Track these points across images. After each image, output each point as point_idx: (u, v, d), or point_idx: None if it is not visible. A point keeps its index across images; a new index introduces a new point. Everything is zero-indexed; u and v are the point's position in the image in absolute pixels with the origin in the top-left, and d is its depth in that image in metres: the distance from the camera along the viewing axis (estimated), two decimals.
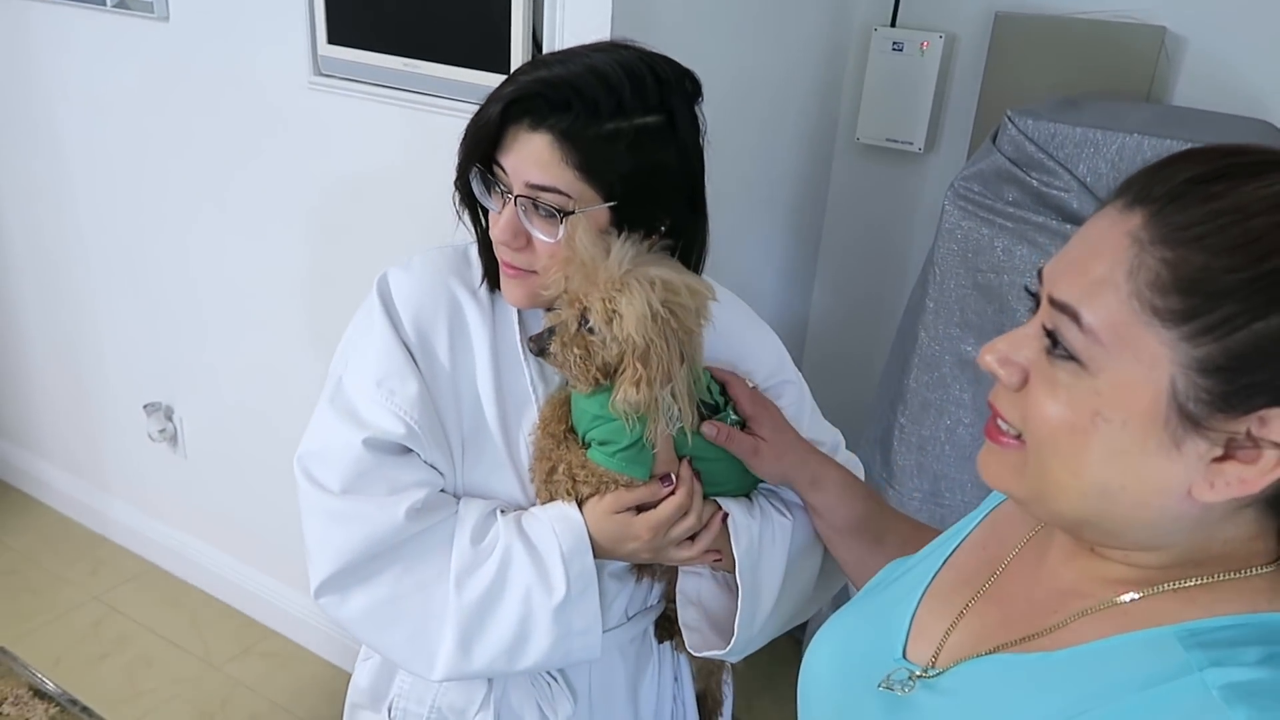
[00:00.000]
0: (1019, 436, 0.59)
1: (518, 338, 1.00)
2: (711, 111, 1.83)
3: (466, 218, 1.00)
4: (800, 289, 2.48)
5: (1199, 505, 0.54)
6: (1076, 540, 0.63)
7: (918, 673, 0.66)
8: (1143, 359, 0.53)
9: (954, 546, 0.76)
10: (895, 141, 2.21)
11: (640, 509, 0.96)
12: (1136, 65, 1.88)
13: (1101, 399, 0.54)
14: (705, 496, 0.99)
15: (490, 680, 1.05)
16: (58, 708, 1.03)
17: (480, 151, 0.91)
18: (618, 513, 0.95)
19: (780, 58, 2.02)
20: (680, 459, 0.98)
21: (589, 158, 0.89)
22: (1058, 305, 0.56)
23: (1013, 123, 1.61)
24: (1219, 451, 0.52)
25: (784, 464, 1.00)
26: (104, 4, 2.05)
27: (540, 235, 0.91)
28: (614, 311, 0.87)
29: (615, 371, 0.91)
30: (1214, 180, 0.52)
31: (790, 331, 2.48)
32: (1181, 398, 0.52)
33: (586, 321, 0.89)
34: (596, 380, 0.91)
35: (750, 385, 1.03)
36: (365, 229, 1.91)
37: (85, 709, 1.05)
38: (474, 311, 1.00)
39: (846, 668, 0.73)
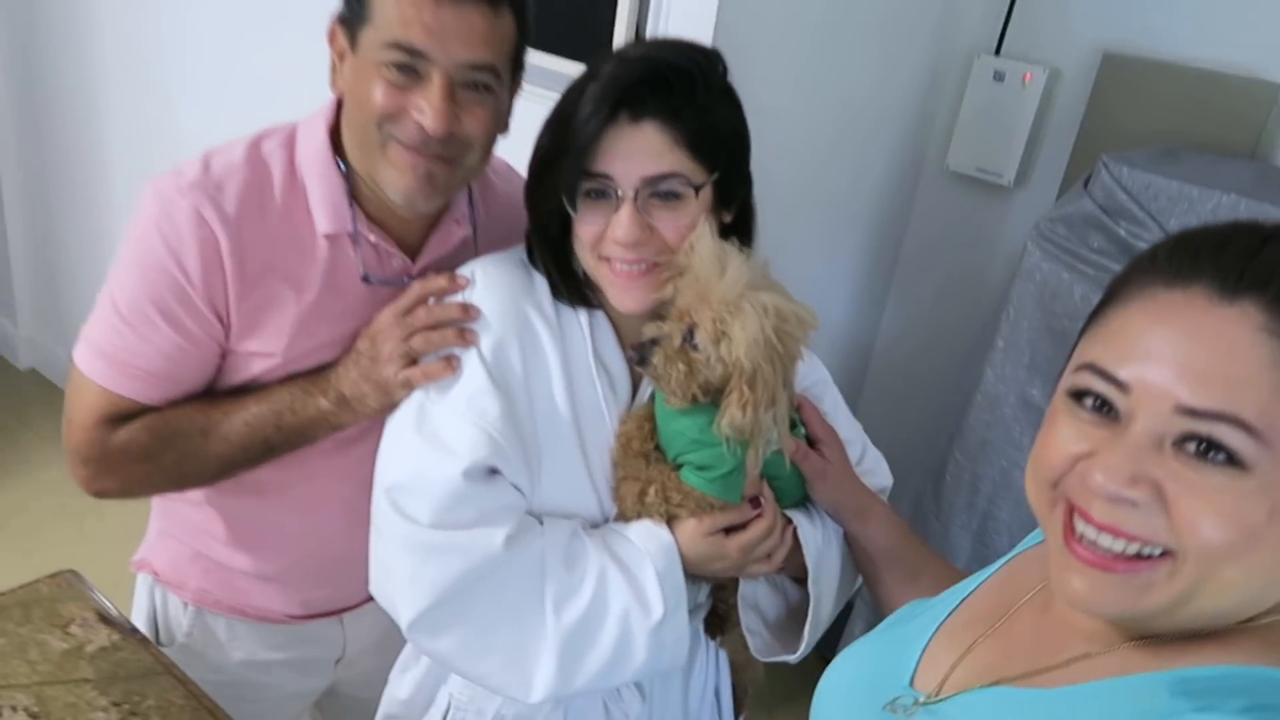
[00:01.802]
0: (1163, 552, 0.57)
1: (589, 353, 1.00)
2: (803, 123, 1.85)
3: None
4: (870, 310, 2.47)
5: None
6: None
7: (921, 699, 0.68)
8: None
9: (972, 589, 0.78)
10: (985, 172, 2.18)
11: (727, 529, 0.97)
12: (1244, 120, 1.83)
13: (1271, 495, 0.54)
14: None
15: None
16: (119, 634, 1.09)
17: (578, 165, 0.92)
18: (710, 535, 0.96)
19: (879, 76, 2.01)
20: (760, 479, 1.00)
21: (696, 133, 0.91)
22: (1201, 414, 0.54)
23: (1107, 168, 1.59)
24: None
25: (840, 491, 1.04)
26: None
27: (665, 224, 0.93)
28: (723, 333, 0.88)
29: (715, 391, 0.91)
30: None
31: (855, 352, 2.47)
32: None
33: (692, 338, 0.89)
34: (694, 397, 0.92)
35: (822, 411, 1.06)
36: None
37: (143, 639, 1.11)
38: (543, 327, 1.00)
39: (857, 690, 0.75)
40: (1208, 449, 0.54)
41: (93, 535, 1.25)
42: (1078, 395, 0.60)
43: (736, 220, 1.02)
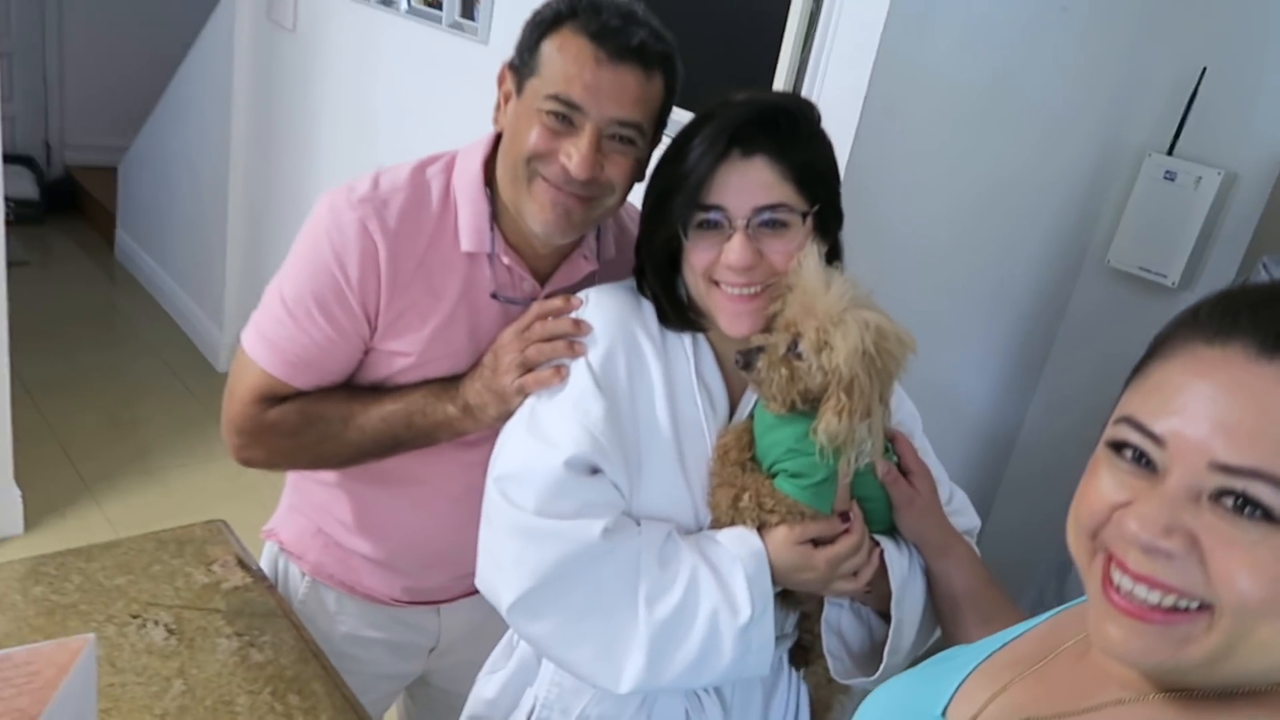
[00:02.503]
0: (1201, 606, 0.57)
1: (692, 372, 1.07)
2: (949, 200, 1.87)
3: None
4: (1016, 400, 2.41)
5: None
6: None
7: None
8: None
9: (1016, 634, 0.78)
10: (1148, 271, 2.12)
11: (815, 542, 1.01)
12: None
13: None
14: None
15: None
16: (251, 578, 1.22)
17: (694, 197, 1.00)
18: (799, 544, 1.00)
19: (1035, 163, 2.01)
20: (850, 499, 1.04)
21: (800, 167, 1.00)
22: (1236, 471, 0.55)
23: (1266, 270, 1.53)
24: None
25: (925, 523, 1.06)
26: (439, 23, 2.39)
27: (773, 251, 1.00)
28: (826, 342, 0.93)
29: (813, 400, 0.97)
30: None
31: (996, 440, 2.41)
32: None
33: (796, 347, 0.95)
34: (793, 404, 0.97)
35: (916, 448, 1.09)
36: None
37: (270, 586, 1.24)
38: (648, 346, 1.08)
39: (890, 716, 0.77)
40: (1244, 504, 0.55)
41: (253, 512, 1.42)
42: (1117, 447, 0.61)
43: (830, 252, 1.08)
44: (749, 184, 0.99)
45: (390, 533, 1.31)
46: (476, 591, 1.34)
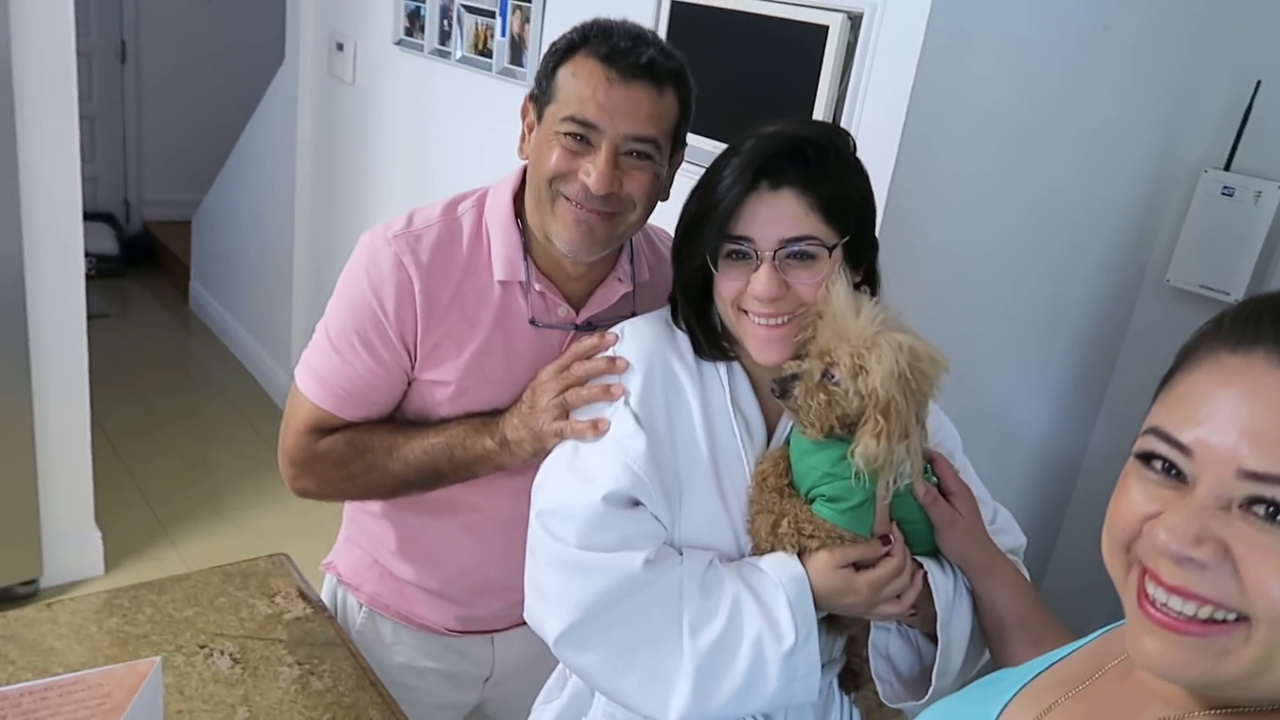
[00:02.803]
0: (1239, 617, 0.56)
1: (728, 401, 1.08)
2: (997, 224, 1.86)
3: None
4: (1078, 423, 2.36)
5: None
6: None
7: None
8: None
9: (1060, 656, 0.77)
10: (1210, 289, 2.07)
11: (856, 565, 1.01)
12: None
13: None
14: None
15: None
16: (312, 609, 1.25)
17: (721, 229, 1.02)
18: (840, 567, 1.00)
19: (1086, 183, 1.99)
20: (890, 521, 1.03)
21: (829, 200, 1.00)
22: (1264, 478, 0.54)
23: None
24: None
25: (968, 544, 1.05)
26: (490, 70, 2.47)
27: (800, 282, 1.01)
28: (861, 367, 0.94)
29: (850, 424, 0.97)
30: None
31: (1059, 463, 2.36)
32: None
33: (831, 373, 0.96)
34: (831, 429, 0.98)
35: (955, 468, 1.09)
36: None
37: (330, 617, 1.27)
38: (684, 376, 1.09)
39: None
40: (1275, 512, 0.54)
41: (318, 549, 1.47)
42: (1145, 458, 0.61)
43: (864, 280, 1.08)
44: (776, 216, 1.00)
45: (441, 561, 1.34)
46: None
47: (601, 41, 1.12)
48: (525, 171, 1.24)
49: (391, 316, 1.18)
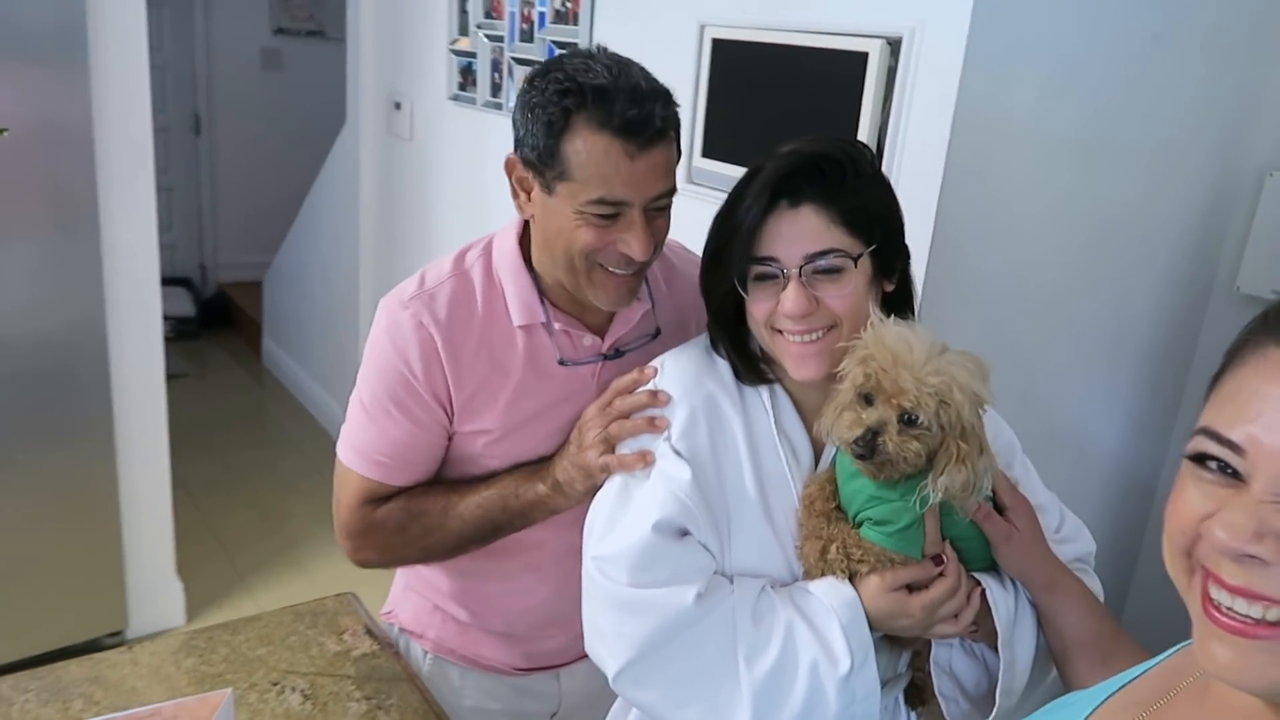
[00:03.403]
0: None
1: (772, 425, 1.08)
2: (1055, 239, 1.83)
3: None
4: (1153, 441, 2.29)
5: None
6: None
7: None
8: None
9: (1134, 676, 0.75)
10: None
11: (910, 587, 1.00)
12: None
13: None
14: None
15: None
16: (379, 646, 1.28)
17: (746, 251, 1.02)
18: (893, 590, 0.99)
19: (1147, 193, 1.95)
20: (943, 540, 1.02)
21: (850, 212, 1.00)
22: None
23: None
24: None
25: (1028, 560, 1.02)
26: None
27: (830, 295, 1.01)
28: (943, 402, 0.92)
29: (932, 456, 0.95)
30: None
31: (1134, 482, 2.29)
32: None
33: (914, 417, 0.93)
34: (919, 470, 0.95)
35: (1013, 480, 1.06)
36: None
37: (397, 653, 1.29)
38: (727, 404, 1.09)
39: None
40: None
41: (383, 592, 1.49)
42: (1199, 459, 0.59)
43: (898, 290, 1.08)
44: (798, 233, 1.00)
45: (504, 602, 1.35)
46: None
47: (603, 108, 1.07)
48: (525, 221, 1.24)
49: (421, 377, 1.19)
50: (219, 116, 5.45)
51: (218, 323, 5.39)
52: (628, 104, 1.07)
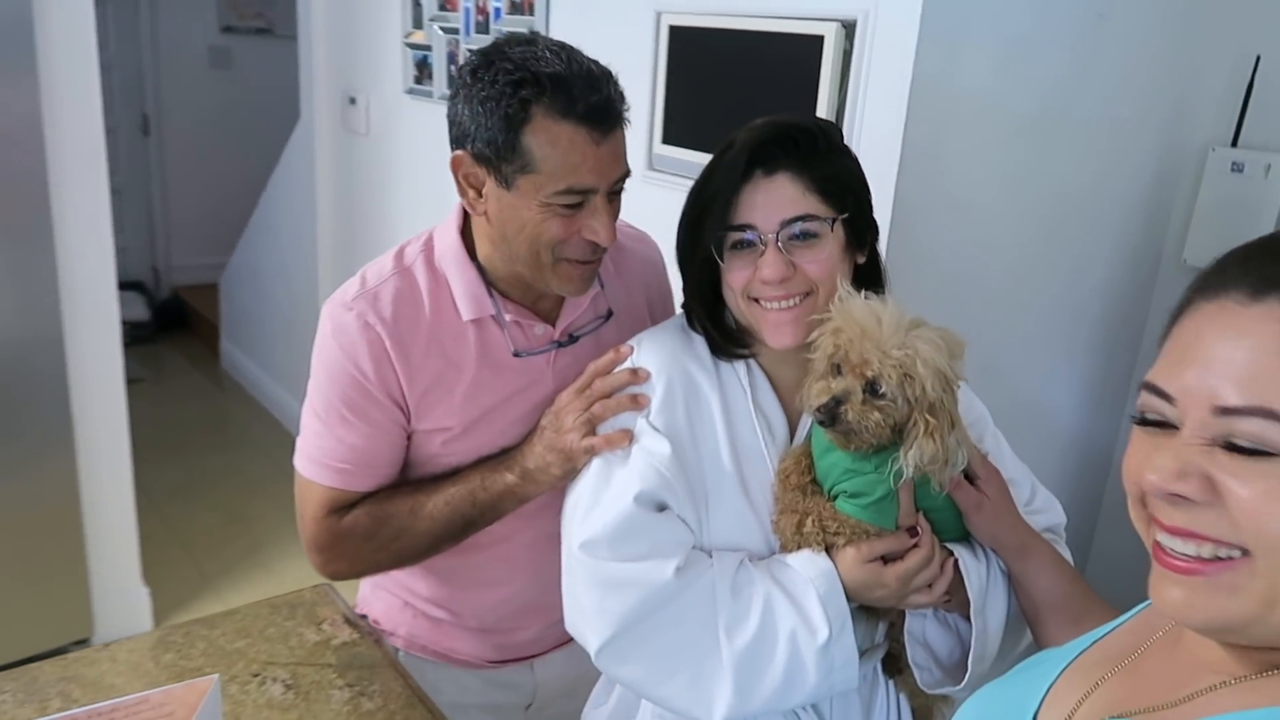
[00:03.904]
0: (1243, 553, 0.58)
1: (749, 401, 1.10)
2: (1011, 220, 1.88)
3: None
4: (1107, 415, 2.35)
5: None
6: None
7: None
8: None
9: (1104, 633, 0.77)
10: None
11: (885, 558, 1.02)
12: None
13: None
14: None
15: None
16: (358, 634, 1.28)
17: (723, 220, 1.04)
18: (868, 561, 1.01)
19: (1098, 172, 2.01)
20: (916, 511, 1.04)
21: (823, 179, 1.03)
22: (1236, 411, 0.57)
23: None
24: None
25: (999, 527, 1.05)
26: None
27: (806, 261, 1.03)
28: (907, 375, 0.94)
29: (900, 430, 0.97)
30: None
31: (1090, 456, 2.35)
32: None
33: (876, 388, 0.96)
34: (884, 441, 0.97)
35: (983, 453, 1.09)
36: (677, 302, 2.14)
37: (377, 640, 1.30)
38: (703, 379, 1.11)
39: None
40: (1253, 443, 0.56)
41: (354, 590, 1.46)
42: (1141, 414, 0.63)
43: (869, 264, 1.11)
44: (774, 200, 1.03)
45: (476, 595, 1.34)
46: (567, 641, 1.38)
47: (563, 97, 1.06)
48: (465, 212, 1.22)
49: (373, 378, 1.17)
50: (168, 116, 5.36)
51: (173, 326, 5.31)
52: (587, 90, 1.07)
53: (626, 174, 1.15)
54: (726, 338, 1.11)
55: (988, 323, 1.94)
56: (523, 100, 1.06)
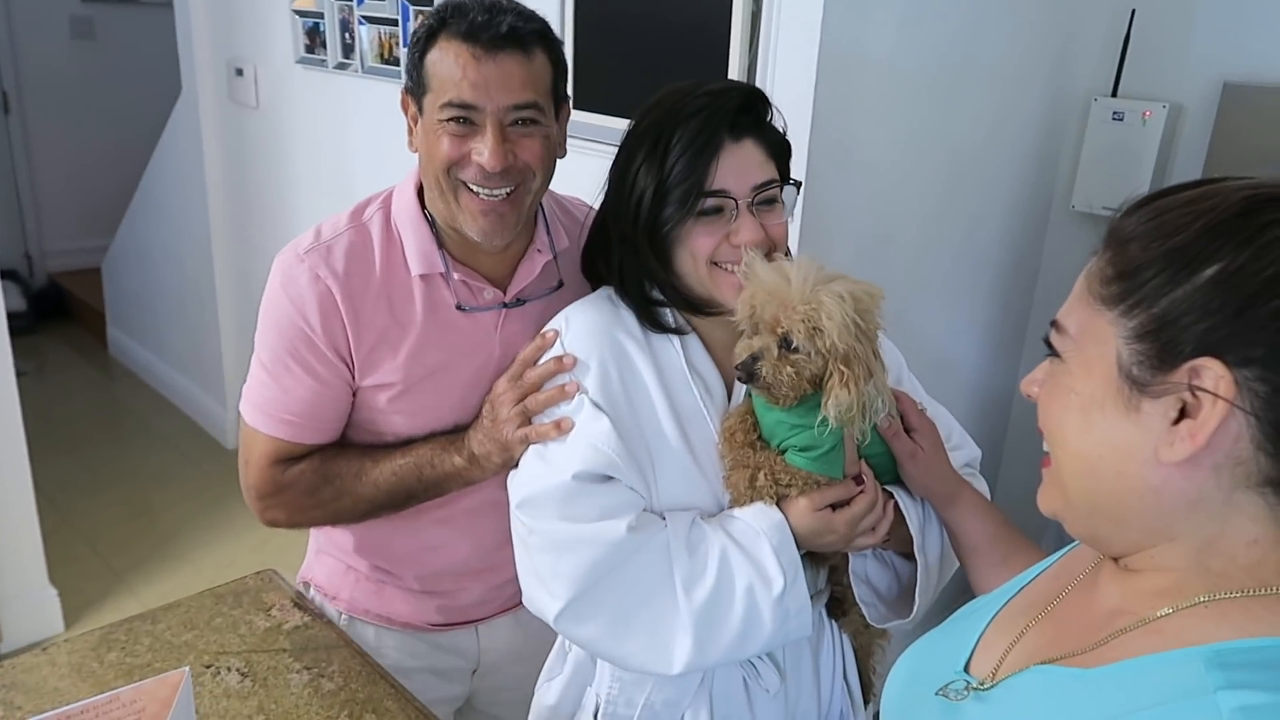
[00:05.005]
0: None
1: (683, 363, 1.12)
2: (914, 175, 1.95)
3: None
4: (1005, 362, 2.48)
5: (1181, 476, 0.60)
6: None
7: (974, 684, 0.72)
8: (1097, 340, 0.63)
9: (1030, 578, 0.82)
10: (1110, 209, 2.19)
11: (832, 505, 1.06)
12: None
13: (1073, 378, 0.65)
14: None
15: None
16: (310, 616, 1.27)
17: (697, 187, 1.04)
18: (819, 510, 1.05)
19: (993, 125, 2.10)
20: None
21: (776, 145, 1.07)
22: (1054, 324, 0.67)
23: None
24: (1174, 414, 0.59)
25: (930, 476, 1.10)
26: (399, 77, 2.47)
27: (772, 225, 1.06)
28: (815, 328, 0.97)
29: (819, 382, 1.01)
30: (1151, 201, 0.64)
31: (993, 397, 2.48)
32: (1126, 365, 0.61)
33: (789, 343, 0.99)
34: (803, 394, 1.01)
35: (920, 407, 1.14)
36: None
37: (329, 621, 1.29)
38: (634, 349, 1.12)
39: (917, 677, 0.80)
40: (1049, 347, 0.68)
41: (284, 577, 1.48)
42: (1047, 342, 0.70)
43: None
44: (744, 165, 1.05)
45: (417, 559, 1.34)
46: (513, 607, 1.41)
47: (459, 20, 1.12)
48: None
49: (320, 331, 1.18)
50: (29, 92, 5.01)
51: (53, 315, 5.02)
52: (479, 12, 1.12)
53: (530, 104, 1.15)
54: (682, 305, 1.11)
55: (898, 276, 2.02)
56: (429, 28, 1.14)
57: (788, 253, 1.14)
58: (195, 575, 2.95)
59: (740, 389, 1.13)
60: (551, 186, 1.27)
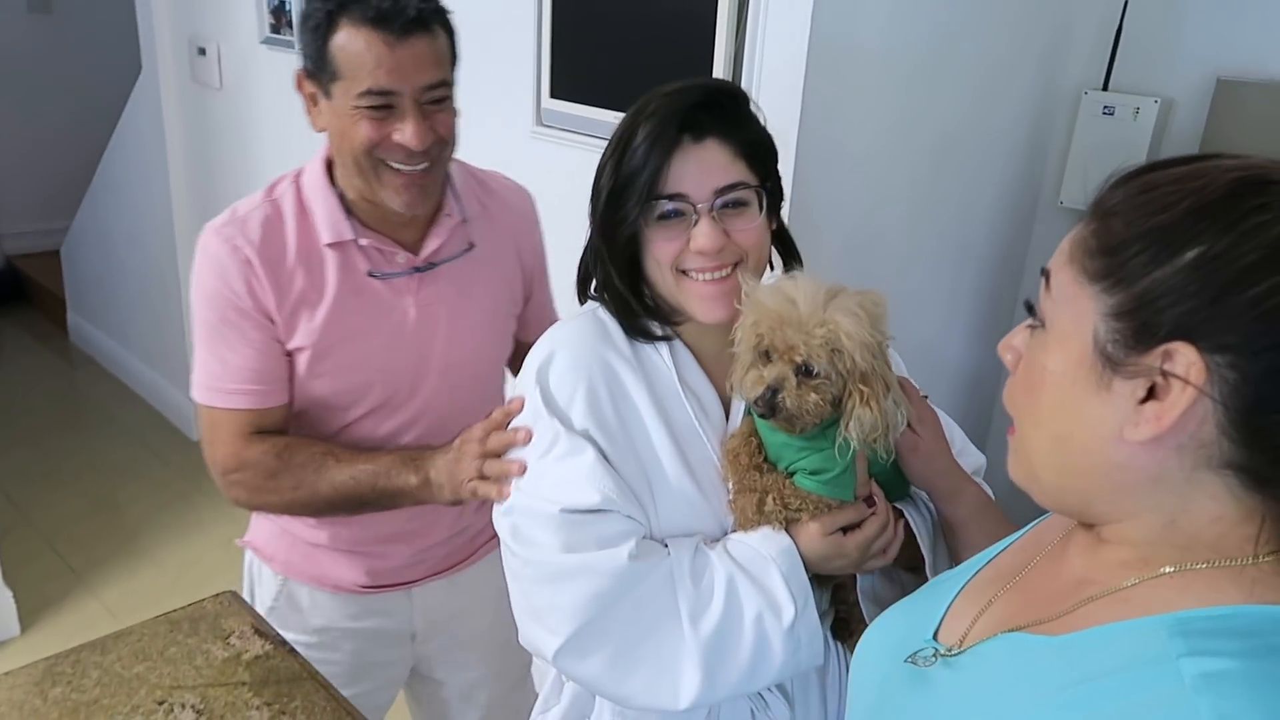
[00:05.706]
0: None
1: (675, 381, 1.05)
2: (902, 166, 1.89)
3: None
4: (991, 357, 2.42)
5: (1145, 454, 0.60)
6: (1085, 528, 0.69)
7: (942, 651, 0.71)
8: (1076, 314, 0.62)
9: (1000, 549, 0.81)
10: None
11: (844, 528, 1.01)
12: None
13: (1048, 353, 0.64)
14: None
15: None
16: (272, 645, 1.20)
17: (651, 189, 0.98)
18: (829, 534, 1.00)
19: (980, 116, 2.04)
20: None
21: (749, 144, 1.00)
22: (1044, 273, 0.66)
23: None
24: (1143, 394, 0.59)
25: (932, 469, 1.05)
26: None
27: (738, 230, 1.00)
28: (834, 350, 0.92)
29: (838, 402, 0.95)
30: (1142, 174, 0.62)
31: (977, 397, 2.44)
32: (1101, 342, 0.60)
33: (809, 369, 0.93)
34: (823, 417, 0.95)
35: (922, 394, 1.09)
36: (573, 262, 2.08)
37: (292, 650, 1.22)
38: (624, 368, 1.05)
39: (885, 647, 0.79)
40: (1031, 312, 0.67)
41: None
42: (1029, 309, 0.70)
43: (779, 230, 1.09)
44: (705, 167, 0.98)
45: (346, 521, 1.38)
46: (444, 569, 1.48)
47: (363, 4, 1.14)
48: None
49: (244, 294, 1.24)
50: None
51: (10, 299, 4.87)
52: None
53: (443, 82, 1.22)
54: (651, 315, 1.06)
55: (885, 271, 1.97)
56: (328, 12, 1.16)
57: (771, 260, 1.09)
58: (159, 574, 2.86)
59: (739, 407, 1.07)
60: (529, 172, 1.35)
